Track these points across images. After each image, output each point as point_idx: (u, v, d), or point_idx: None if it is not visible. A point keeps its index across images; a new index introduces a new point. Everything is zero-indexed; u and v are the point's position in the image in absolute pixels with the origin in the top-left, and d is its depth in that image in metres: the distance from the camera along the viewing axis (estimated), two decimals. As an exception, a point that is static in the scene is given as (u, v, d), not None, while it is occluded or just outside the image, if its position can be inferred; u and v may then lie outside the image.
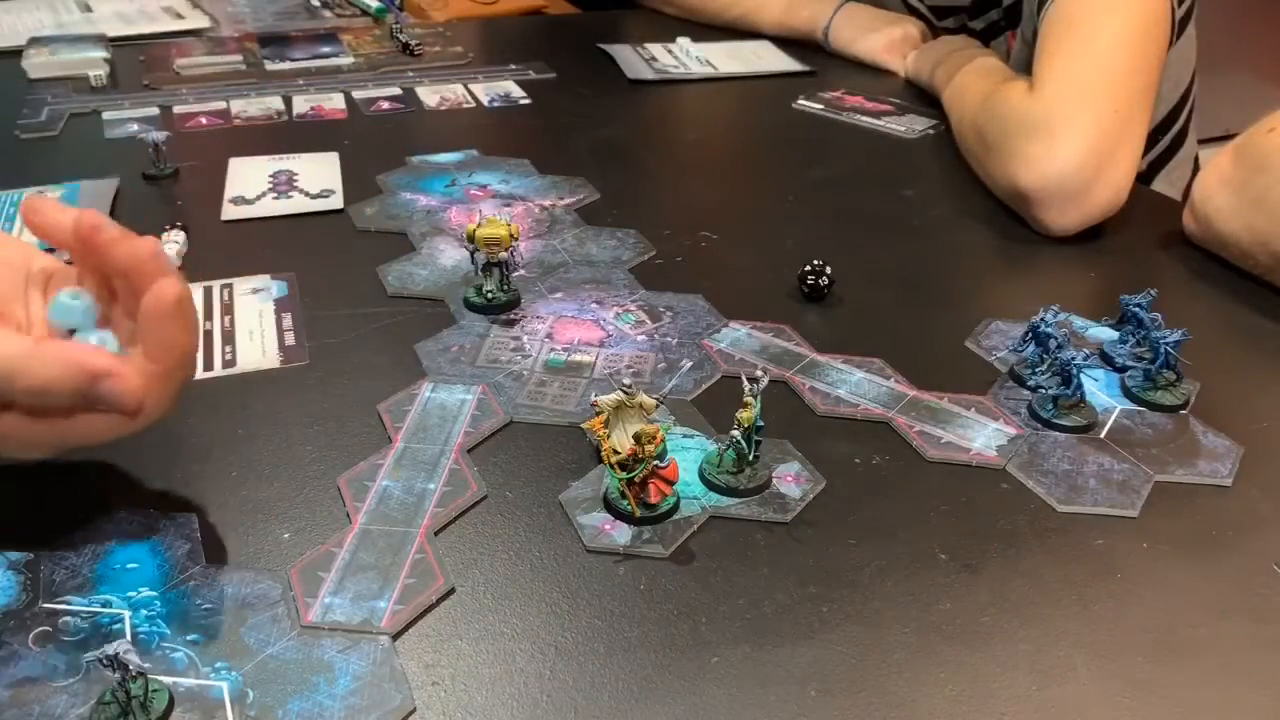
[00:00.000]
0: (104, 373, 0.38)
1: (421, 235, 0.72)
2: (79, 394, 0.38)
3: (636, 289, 0.66)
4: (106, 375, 0.38)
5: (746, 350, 0.60)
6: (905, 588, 0.44)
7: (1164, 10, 0.77)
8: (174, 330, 0.40)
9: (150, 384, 0.40)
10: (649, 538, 0.46)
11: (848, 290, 0.66)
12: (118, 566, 0.44)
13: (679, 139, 0.99)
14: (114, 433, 0.41)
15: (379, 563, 0.44)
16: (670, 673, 0.40)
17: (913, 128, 0.95)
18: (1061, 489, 0.50)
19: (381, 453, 0.51)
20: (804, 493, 0.49)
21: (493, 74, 1.08)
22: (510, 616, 0.42)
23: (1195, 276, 0.70)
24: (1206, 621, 0.43)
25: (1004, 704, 0.39)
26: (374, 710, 0.38)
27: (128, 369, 0.39)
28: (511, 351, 0.59)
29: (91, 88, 1.00)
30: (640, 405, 0.47)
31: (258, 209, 0.76)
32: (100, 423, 0.40)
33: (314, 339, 0.60)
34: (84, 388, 0.38)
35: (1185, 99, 0.99)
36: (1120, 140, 0.73)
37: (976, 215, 0.79)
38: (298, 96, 1.00)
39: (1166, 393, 0.56)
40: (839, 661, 0.41)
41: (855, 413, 0.55)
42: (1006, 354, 0.60)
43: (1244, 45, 2.18)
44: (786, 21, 1.17)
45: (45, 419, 0.40)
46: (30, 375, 0.37)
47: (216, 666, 0.39)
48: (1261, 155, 0.66)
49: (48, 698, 0.38)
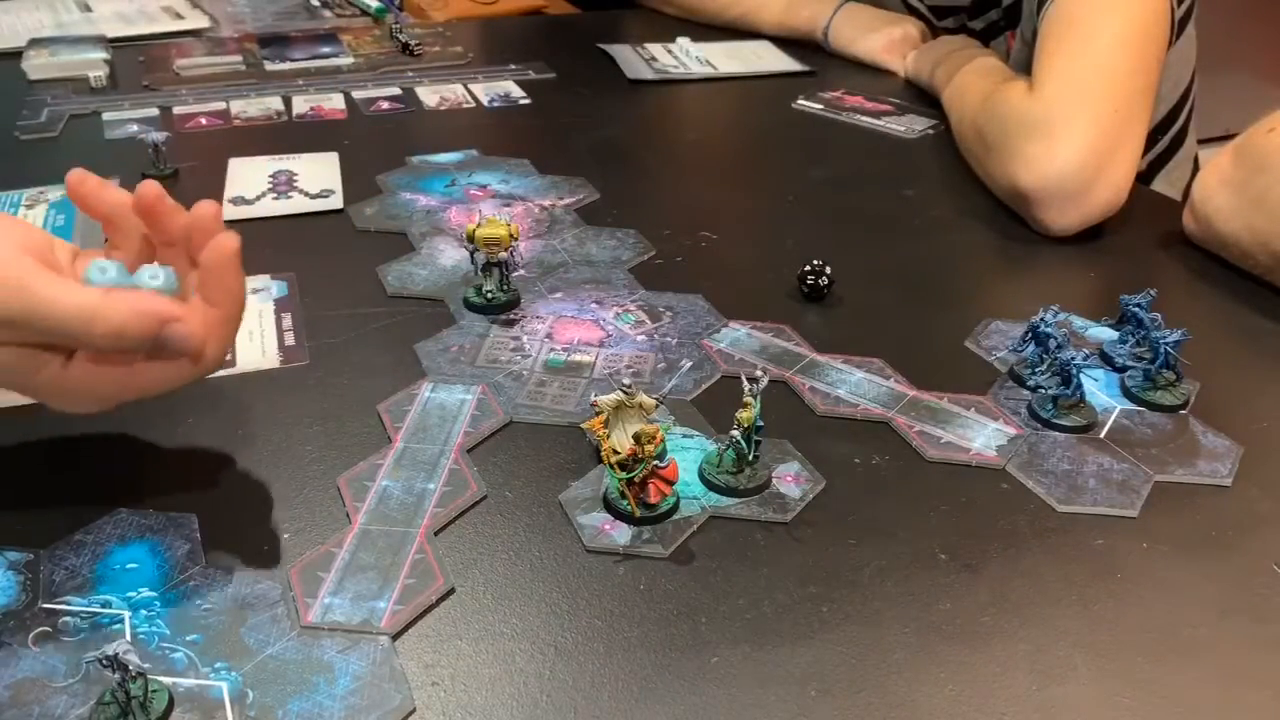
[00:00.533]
0: (172, 317, 0.40)
1: (421, 235, 0.72)
2: (149, 337, 0.40)
3: (636, 289, 0.66)
4: (175, 319, 0.40)
5: (746, 350, 0.60)
6: (905, 588, 0.44)
7: (1164, 10, 0.77)
8: (233, 277, 0.43)
9: (211, 329, 0.42)
10: (649, 538, 0.46)
11: (848, 290, 0.66)
12: (117, 567, 0.44)
13: (679, 139, 0.99)
14: (173, 381, 0.43)
15: (379, 563, 0.44)
16: (670, 673, 0.40)
17: (913, 128, 0.95)
18: (1061, 489, 0.50)
19: (381, 453, 0.51)
20: (804, 493, 0.49)
21: (492, 74, 1.08)
22: (510, 616, 0.42)
23: (1195, 276, 0.70)
24: (1206, 621, 0.43)
25: (1004, 704, 0.39)
26: (374, 710, 0.38)
27: (192, 314, 0.42)
28: (511, 351, 0.59)
29: (91, 89, 1.00)
30: (640, 405, 0.47)
31: (257, 209, 0.76)
32: (160, 371, 0.42)
33: (314, 339, 0.60)
34: (155, 330, 0.40)
35: (1185, 99, 0.99)
36: (1120, 140, 0.73)
37: (976, 215, 0.79)
38: (297, 97, 1.00)
39: (1166, 393, 0.56)
40: (839, 661, 0.41)
41: (855, 413, 0.55)
42: (1006, 354, 0.60)
43: (1244, 45, 2.18)
44: (786, 21, 1.17)
45: (111, 366, 0.42)
46: (106, 320, 0.39)
47: (216, 667, 0.39)
48: (1261, 155, 0.66)
49: (47, 698, 0.38)
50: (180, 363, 0.42)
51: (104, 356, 0.42)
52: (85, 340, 0.40)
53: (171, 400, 0.52)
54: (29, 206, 0.74)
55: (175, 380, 0.43)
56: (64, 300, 0.39)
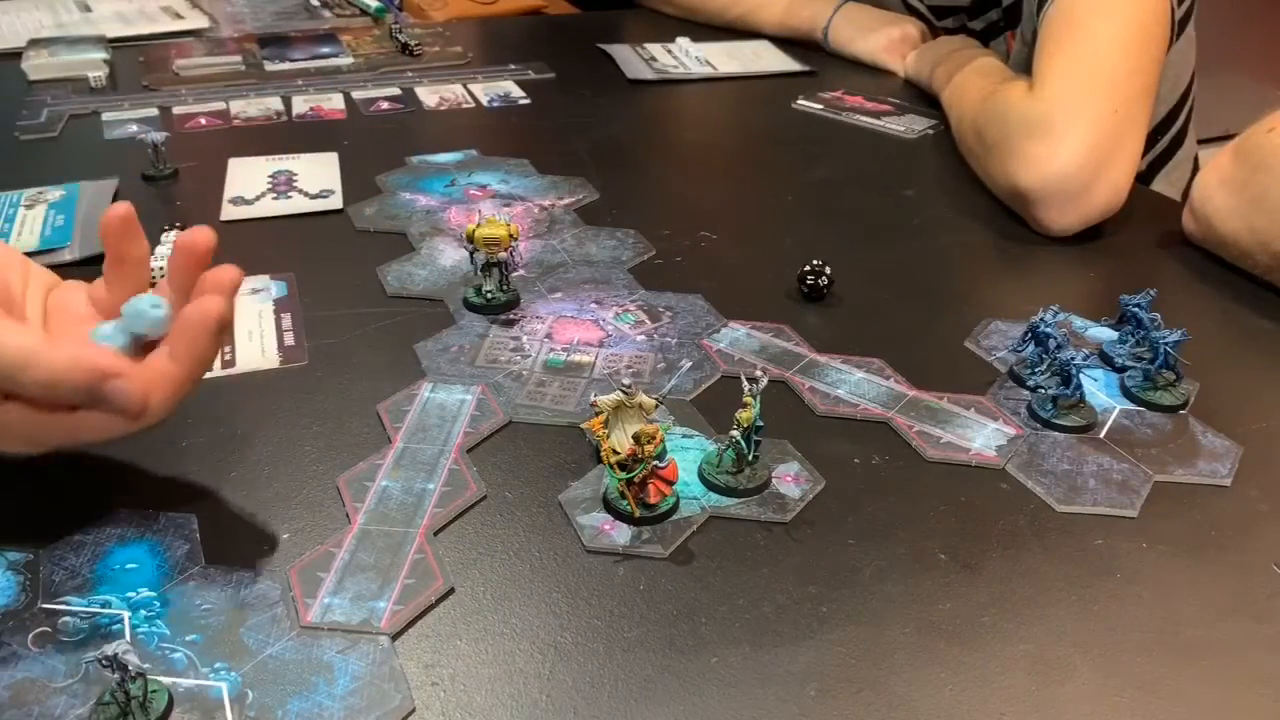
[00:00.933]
0: (114, 373, 0.39)
1: (421, 235, 0.72)
2: (85, 391, 0.39)
3: (636, 289, 0.66)
4: (115, 376, 0.39)
5: (746, 350, 0.60)
6: (905, 588, 0.44)
7: (1164, 10, 0.77)
8: (207, 343, 0.41)
9: (164, 386, 0.41)
10: (648, 538, 0.46)
11: (847, 290, 0.66)
12: (117, 567, 0.44)
13: (679, 139, 0.99)
14: (113, 432, 0.41)
15: (378, 563, 0.44)
16: (670, 673, 0.40)
17: (912, 128, 0.95)
18: (1061, 489, 0.50)
19: (381, 453, 0.51)
20: (803, 493, 0.49)
21: (492, 74, 1.08)
22: (510, 617, 0.42)
23: (1195, 276, 0.70)
24: (1206, 621, 0.43)
25: (1004, 704, 0.39)
26: (373, 710, 0.38)
27: (136, 371, 0.40)
28: (511, 351, 0.59)
29: (91, 89, 1.00)
30: (640, 405, 0.47)
31: (257, 209, 0.76)
32: (101, 421, 0.40)
33: (313, 339, 0.60)
34: (91, 385, 0.38)
35: (1185, 99, 0.99)
36: (1120, 140, 0.73)
37: (976, 215, 0.79)
38: (297, 97, 1.00)
39: (1166, 393, 0.56)
40: (839, 661, 0.41)
41: (855, 413, 0.55)
42: (1006, 354, 0.60)
43: (1244, 45, 2.18)
44: (786, 21, 1.17)
45: (48, 413, 0.40)
46: (40, 367, 0.38)
47: (216, 667, 0.39)
48: (1261, 155, 0.66)
49: (47, 698, 0.38)
50: (124, 416, 0.40)
51: (42, 402, 0.40)
52: (15, 385, 0.38)
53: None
54: (28, 206, 0.74)
55: (114, 431, 0.41)
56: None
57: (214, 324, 0.41)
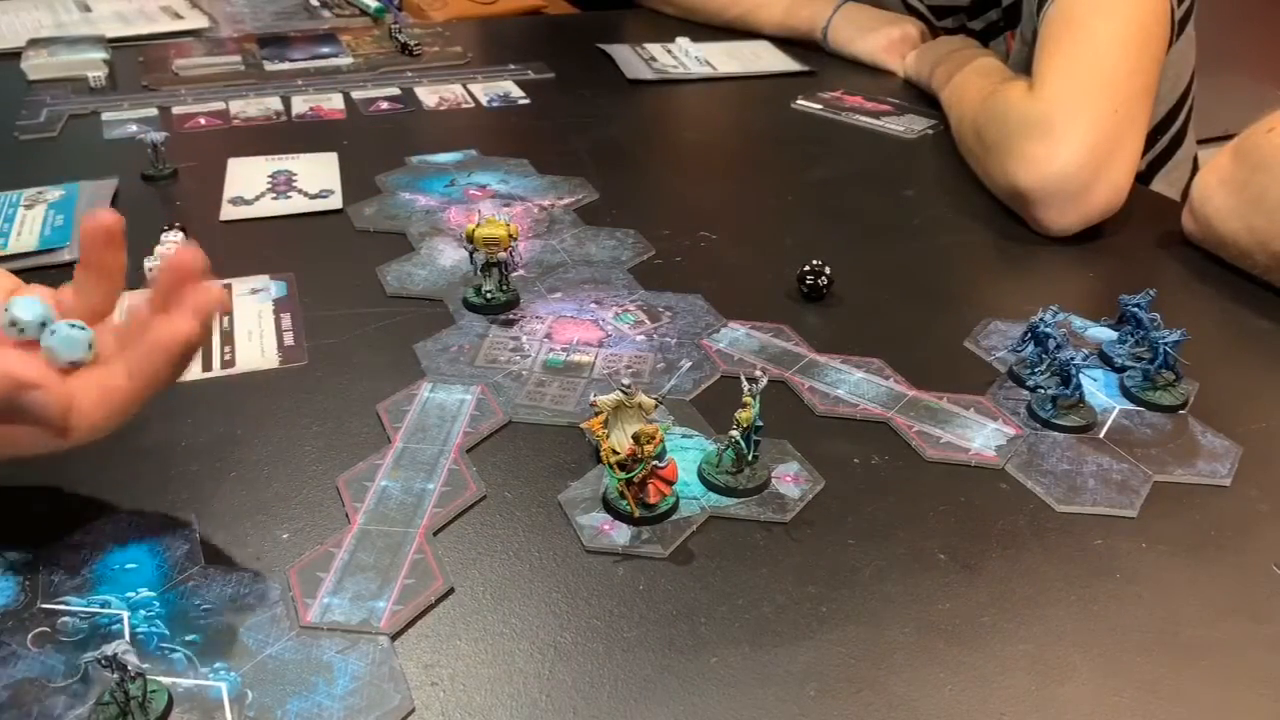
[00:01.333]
0: (29, 384, 0.37)
1: (420, 235, 0.72)
2: (2, 400, 0.37)
3: (636, 289, 0.66)
4: (33, 387, 0.37)
5: (745, 350, 0.60)
6: (905, 587, 0.44)
7: (1163, 10, 0.77)
8: (163, 366, 0.39)
9: (105, 400, 0.39)
10: (648, 538, 0.46)
11: (847, 290, 0.66)
12: (116, 567, 0.44)
13: (678, 139, 0.99)
14: (40, 447, 0.39)
15: (378, 563, 0.44)
16: (669, 673, 0.40)
17: (912, 128, 0.95)
18: (1060, 489, 0.50)
19: (380, 453, 0.51)
20: (803, 493, 0.49)
21: (492, 74, 1.08)
22: (509, 616, 0.42)
23: (1194, 276, 0.70)
24: (1206, 621, 0.43)
25: (1003, 704, 0.39)
26: (373, 710, 0.38)
27: (58, 384, 0.38)
28: (510, 351, 0.59)
29: (90, 89, 1.00)
30: (639, 405, 0.47)
31: (257, 209, 0.76)
32: (29, 435, 0.39)
33: (313, 339, 0.60)
34: (7, 394, 0.37)
35: (1184, 99, 0.99)
36: (1120, 140, 0.73)
37: (976, 215, 0.79)
38: (297, 97, 1.00)
39: (1165, 393, 0.56)
40: (838, 661, 0.41)
41: (854, 413, 0.55)
42: (1005, 354, 0.60)
43: (1244, 45, 2.18)
44: (786, 21, 1.17)
45: None
46: None
47: (215, 667, 0.39)
48: (1260, 155, 0.66)
49: (46, 698, 0.38)
50: (48, 430, 0.38)
51: None
52: None
53: (170, 400, 0.52)
54: (28, 206, 0.74)
55: (45, 445, 0.39)
56: None
57: (178, 347, 0.38)
